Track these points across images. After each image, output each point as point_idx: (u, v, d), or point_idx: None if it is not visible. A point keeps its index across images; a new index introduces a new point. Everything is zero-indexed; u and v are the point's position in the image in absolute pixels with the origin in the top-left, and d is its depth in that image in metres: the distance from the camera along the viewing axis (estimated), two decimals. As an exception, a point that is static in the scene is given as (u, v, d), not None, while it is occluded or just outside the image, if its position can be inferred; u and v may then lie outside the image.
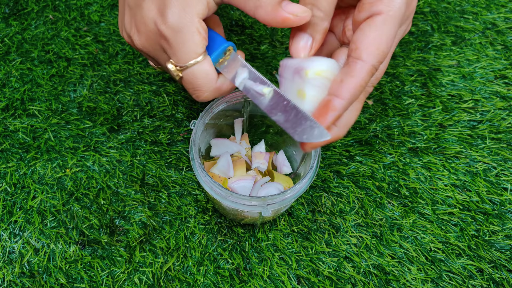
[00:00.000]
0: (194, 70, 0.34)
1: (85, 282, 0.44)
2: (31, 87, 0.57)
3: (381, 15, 0.31)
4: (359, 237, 0.47)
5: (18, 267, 0.45)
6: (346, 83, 0.31)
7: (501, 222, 0.48)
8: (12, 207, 0.48)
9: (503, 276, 0.45)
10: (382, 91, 0.57)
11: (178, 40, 0.33)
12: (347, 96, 0.31)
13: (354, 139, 0.53)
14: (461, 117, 0.55)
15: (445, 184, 0.50)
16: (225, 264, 0.45)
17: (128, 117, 0.55)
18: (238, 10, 0.64)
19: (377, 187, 0.50)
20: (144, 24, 0.34)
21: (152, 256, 0.46)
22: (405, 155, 0.52)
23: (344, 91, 0.31)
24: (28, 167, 0.51)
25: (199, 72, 0.34)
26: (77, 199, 0.49)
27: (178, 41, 0.33)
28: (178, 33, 0.32)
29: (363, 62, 0.31)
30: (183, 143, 0.53)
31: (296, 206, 0.49)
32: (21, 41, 0.61)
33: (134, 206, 0.49)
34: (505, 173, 0.51)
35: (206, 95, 0.36)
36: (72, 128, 0.54)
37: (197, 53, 0.33)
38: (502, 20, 0.64)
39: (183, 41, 0.33)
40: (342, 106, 0.32)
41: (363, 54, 0.31)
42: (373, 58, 0.31)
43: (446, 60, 0.60)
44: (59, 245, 0.46)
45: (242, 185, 0.45)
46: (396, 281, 0.45)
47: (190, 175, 0.51)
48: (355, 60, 0.32)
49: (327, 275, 0.45)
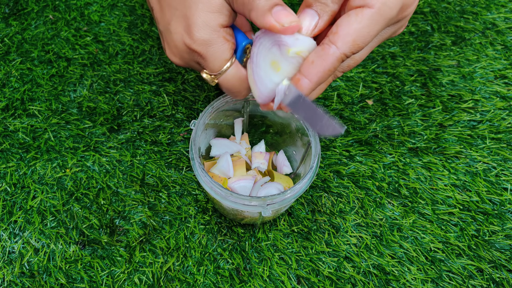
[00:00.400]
0: (227, 75, 0.36)
1: (85, 282, 0.44)
2: (31, 87, 0.57)
3: (371, 9, 0.31)
4: (359, 237, 0.47)
5: (18, 267, 0.45)
6: (316, 66, 0.33)
7: (501, 222, 0.48)
8: (12, 207, 0.48)
9: (503, 276, 0.45)
10: (382, 91, 0.57)
11: (209, 52, 0.35)
12: (314, 79, 0.33)
13: (354, 139, 0.53)
14: (461, 117, 0.55)
15: (445, 184, 0.50)
16: (225, 264, 0.45)
17: (128, 117, 0.55)
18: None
19: (377, 187, 0.50)
20: (175, 47, 0.37)
21: (152, 256, 0.46)
22: (405, 155, 0.52)
23: (313, 73, 0.33)
24: (28, 167, 0.51)
25: (231, 76, 0.36)
26: (77, 199, 0.49)
27: (209, 53, 0.35)
28: (208, 46, 0.35)
29: (337, 49, 0.32)
30: (183, 143, 0.53)
31: (296, 206, 0.49)
32: (21, 41, 0.61)
33: (134, 206, 0.49)
34: (505, 173, 0.51)
35: (243, 93, 0.38)
36: (72, 128, 0.54)
37: (226, 59, 0.35)
38: (502, 20, 0.64)
39: (213, 52, 0.35)
40: (309, 87, 0.33)
41: (339, 41, 0.32)
42: (347, 48, 0.32)
43: (446, 60, 0.60)
44: (59, 245, 0.46)
45: (242, 185, 0.45)
46: (396, 281, 0.45)
47: (190, 175, 0.51)
48: (330, 44, 0.32)
49: (327, 275, 0.45)
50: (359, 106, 0.56)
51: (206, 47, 0.35)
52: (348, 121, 0.55)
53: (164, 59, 0.59)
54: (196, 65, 0.38)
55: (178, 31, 0.36)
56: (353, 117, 0.55)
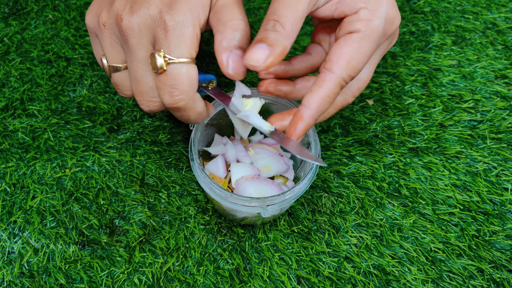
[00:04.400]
0: (183, 68, 0.33)
1: (84, 283, 0.44)
2: (31, 87, 0.57)
3: (358, 33, 0.33)
4: (359, 237, 0.47)
5: (18, 267, 0.45)
6: (314, 93, 0.33)
7: (502, 222, 0.48)
8: (11, 207, 0.48)
9: (503, 276, 0.45)
10: (382, 91, 0.57)
11: (177, 33, 0.32)
12: (314, 106, 0.34)
13: (354, 139, 0.53)
14: (462, 117, 0.55)
15: (445, 184, 0.50)
16: (225, 264, 0.45)
17: (128, 117, 0.55)
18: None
19: (377, 187, 0.50)
20: (146, 8, 0.33)
21: (152, 256, 0.46)
22: (406, 155, 0.52)
23: (312, 101, 0.34)
24: (27, 167, 0.51)
25: (186, 72, 0.33)
26: (77, 199, 0.49)
27: (177, 34, 0.32)
28: (181, 27, 0.32)
29: (332, 73, 0.33)
30: (183, 143, 0.53)
31: (296, 206, 0.49)
32: (21, 41, 0.61)
33: (134, 206, 0.49)
34: (505, 173, 0.51)
35: (182, 97, 0.34)
36: (71, 128, 0.54)
37: (191, 54, 0.33)
38: (503, 19, 0.64)
39: (182, 35, 0.32)
40: (310, 115, 0.34)
41: (333, 66, 0.33)
42: (343, 71, 0.33)
43: (447, 60, 0.60)
44: (59, 245, 0.46)
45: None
46: (397, 281, 0.45)
47: (190, 175, 0.51)
48: (325, 71, 0.33)
49: (327, 276, 0.45)
50: (359, 106, 0.56)
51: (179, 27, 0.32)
52: (348, 121, 0.55)
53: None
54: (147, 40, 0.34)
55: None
56: (353, 117, 0.55)
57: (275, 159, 0.46)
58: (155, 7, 0.33)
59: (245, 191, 0.43)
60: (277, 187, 0.44)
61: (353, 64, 0.33)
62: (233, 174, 0.45)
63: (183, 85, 0.34)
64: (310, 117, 0.34)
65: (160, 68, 0.33)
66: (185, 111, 0.36)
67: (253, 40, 0.33)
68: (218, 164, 0.46)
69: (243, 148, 0.47)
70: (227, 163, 0.47)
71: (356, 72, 0.34)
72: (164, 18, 0.32)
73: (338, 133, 0.54)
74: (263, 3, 0.64)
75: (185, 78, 0.33)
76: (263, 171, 0.45)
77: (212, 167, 0.46)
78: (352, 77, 0.34)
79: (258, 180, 0.44)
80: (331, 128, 0.54)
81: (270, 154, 0.46)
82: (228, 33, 0.33)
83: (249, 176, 0.44)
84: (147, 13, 0.33)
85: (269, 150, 0.47)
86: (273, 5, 0.32)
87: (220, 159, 0.46)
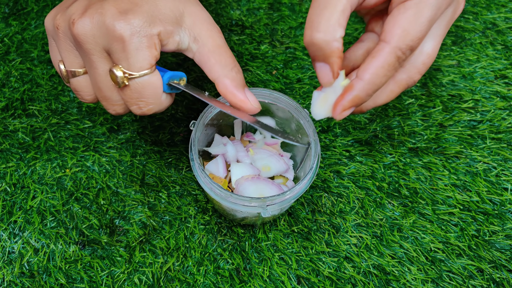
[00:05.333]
0: (145, 80, 0.32)
1: (85, 282, 0.44)
2: (31, 87, 0.57)
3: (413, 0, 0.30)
4: (359, 237, 0.47)
5: (18, 267, 0.45)
6: (367, 64, 0.31)
7: (501, 222, 0.48)
8: (12, 207, 0.48)
9: (503, 276, 0.45)
10: (382, 91, 0.57)
11: (134, 45, 0.31)
12: (366, 77, 0.31)
13: (354, 139, 0.53)
14: (461, 117, 0.55)
15: (445, 184, 0.50)
16: (225, 264, 0.45)
17: (128, 117, 0.55)
18: (238, 10, 0.64)
19: (377, 187, 0.50)
20: (99, 14, 0.31)
21: (152, 256, 0.46)
22: (405, 155, 0.52)
23: (364, 72, 0.31)
24: (28, 167, 0.51)
25: (150, 83, 0.33)
26: (77, 199, 0.49)
27: (134, 46, 0.31)
28: (139, 37, 0.31)
29: (386, 43, 0.31)
30: (183, 143, 0.53)
31: (296, 206, 0.49)
32: (21, 41, 0.61)
33: (134, 206, 0.49)
34: (505, 173, 0.51)
35: (150, 107, 0.34)
36: (71, 128, 0.54)
37: (151, 64, 0.32)
38: (503, 20, 0.64)
39: (139, 47, 0.31)
40: (361, 86, 0.31)
41: (387, 36, 0.30)
42: (398, 40, 0.30)
43: (446, 60, 0.60)
44: (59, 245, 0.46)
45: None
46: (396, 281, 0.45)
47: (190, 175, 0.51)
48: (380, 42, 0.31)
49: (327, 275, 0.45)
50: (359, 106, 0.56)
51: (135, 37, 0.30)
52: (348, 121, 0.55)
53: (164, 59, 0.59)
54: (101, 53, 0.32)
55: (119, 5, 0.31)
56: (353, 117, 0.55)
57: (275, 159, 0.46)
58: (110, 14, 0.31)
59: (245, 191, 0.43)
60: (277, 187, 0.44)
61: (410, 32, 0.30)
62: (233, 174, 0.45)
63: (149, 97, 0.33)
64: (360, 89, 0.31)
65: (121, 83, 0.32)
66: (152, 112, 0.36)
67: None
68: (218, 164, 0.46)
69: (243, 148, 0.47)
70: (227, 163, 0.47)
71: (415, 41, 0.30)
72: (119, 27, 0.30)
73: (338, 133, 0.54)
74: (263, 3, 0.64)
75: (150, 89, 0.33)
76: (263, 171, 0.45)
77: (212, 167, 0.46)
78: (410, 48, 0.31)
79: (258, 180, 0.44)
80: (331, 128, 0.54)
81: (270, 154, 0.46)
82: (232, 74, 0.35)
83: (249, 176, 0.44)
84: (100, 19, 0.31)
85: (269, 150, 0.47)
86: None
87: (220, 159, 0.46)
